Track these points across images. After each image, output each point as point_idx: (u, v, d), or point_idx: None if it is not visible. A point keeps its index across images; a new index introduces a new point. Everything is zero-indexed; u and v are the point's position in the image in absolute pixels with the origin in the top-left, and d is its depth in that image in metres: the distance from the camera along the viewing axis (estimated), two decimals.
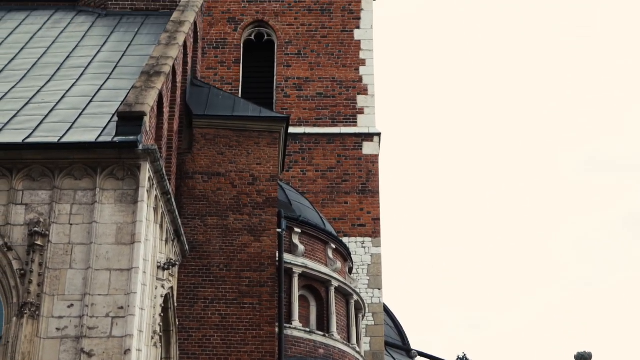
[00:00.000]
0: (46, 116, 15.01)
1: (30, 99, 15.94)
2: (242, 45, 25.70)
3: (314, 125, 24.70)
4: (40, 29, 20.37)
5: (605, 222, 66.79)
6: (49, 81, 16.92)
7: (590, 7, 72.24)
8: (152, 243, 14.38)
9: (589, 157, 68.27)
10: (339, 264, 20.79)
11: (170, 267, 15.49)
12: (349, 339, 20.67)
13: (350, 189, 24.10)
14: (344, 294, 20.91)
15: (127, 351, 12.90)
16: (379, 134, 24.62)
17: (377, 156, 24.43)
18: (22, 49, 18.95)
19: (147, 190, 13.99)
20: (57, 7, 21.95)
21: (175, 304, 17.20)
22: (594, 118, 69.05)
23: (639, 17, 69.95)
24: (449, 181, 68.22)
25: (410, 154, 66.00)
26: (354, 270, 22.92)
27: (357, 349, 20.98)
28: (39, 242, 13.34)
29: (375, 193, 24.10)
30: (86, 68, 17.58)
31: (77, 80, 16.90)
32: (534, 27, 71.88)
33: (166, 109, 17.23)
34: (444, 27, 71.62)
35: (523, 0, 71.69)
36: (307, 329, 19.68)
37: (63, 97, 15.96)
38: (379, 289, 23.34)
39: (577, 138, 68.86)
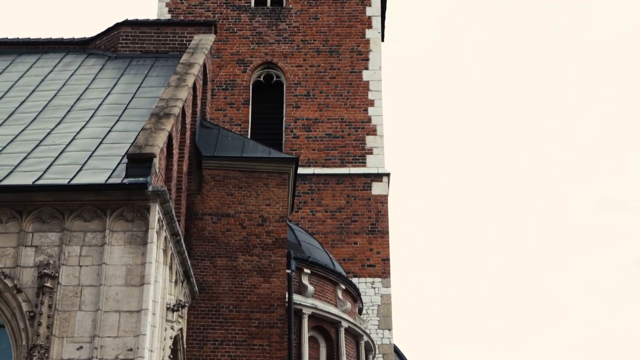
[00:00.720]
0: (56, 158, 15.07)
1: (41, 141, 16.01)
2: (251, 86, 25.82)
3: (323, 166, 24.74)
4: (51, 71, 20.52)
5: (615, 262, 66.52)
6: (59, 123, 17.00)
7: (606, 47, 72.44)
8: (161, 284, 14.35)
9: (599, 198, 68.19)
10: (348, 305, 20.70)
11: (180, 308, 15.44)
12: None
13: (360, 229, 24.07)
14: (354, 335, 20.80)
15: None
16: (388, 174, 24.63)
17: (386, 196, 24.42)
18: (32, 91, 19.08)
19: (157, 232, 13.99)
20: (68, 50, 22.14)
21: (185, 346, 17.13)
22: (604, 159, 69.05)
23: None
24: (458, 222, 68.09)
25: (419, 194, 65.96)
26: (364, 311, 22.82)
27: None
28: (48, 284, 13.32)
29: (384, 233, 24.06)
30: (96, 110, 17.67)
31: (87, 122, 16.98)
32: (543, 69, 72.07)
33: (176, 151, 17.28)
34: (451, 67, 71.88)
35: (532, 40, 72.01)
36: None
37: (73, 139, 16.03)
38: (389, 330, 23.23)
39: (587, 179, 68.82)
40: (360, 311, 21.99)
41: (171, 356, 15.07)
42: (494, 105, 71.85)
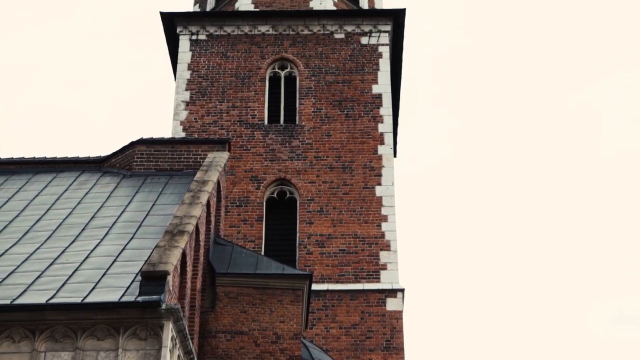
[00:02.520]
0: (70, 276, 15.07)
1: (55, 259, 16.04)
2: (264, 203, 25.93)
3: (337, 282, 24.62)
4: (66, 190, 20.70)
5: None
6: (73, 241, 17.06)
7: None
8: None
9: (617, 312, 67.51)
10: None
11: None
12: None
13: (375, 346, 23.79)
14: None
15: None
16: (402, 290, 24.48)
17: (401, 312, 24.22)
18: (47, 210, 19.21)
19: (170, 350, 13.86)
20: (83, 168, 22.38)
21: None
22: (622, 273, 68.57)
23: None
24: (475, 338, 67.29)
25: (435, 309, 65.37)
26: None
27: None
28: None
29: (400, 350, 23.76)
30: (110, 228, 17.74)
31: (102, 240, 17.04)
32: (558, 182, 72.35)
33: (189, 268, 17.26)
34: (464, 182, 72.22)
35: (542, 152, 72.46)
36: None
37: (87, 257, 16.06)
38: None
39: (605, 292, 68.27)
40: None
41: None
42: (509, 219, 71.89)
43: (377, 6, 31.24)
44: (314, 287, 22.79)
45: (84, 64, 75.19)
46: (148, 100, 72.33)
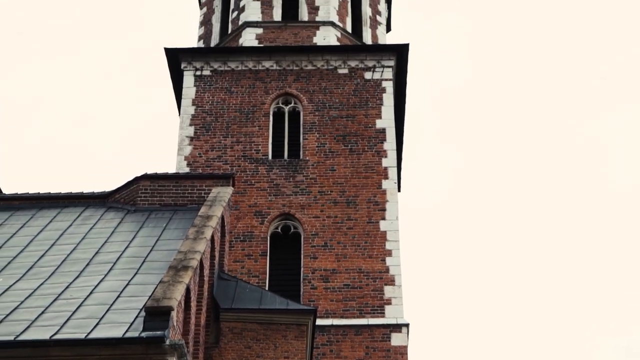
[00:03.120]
0: (74, 312, 15.03)
1: (59, 295, 16.01)
2: (268, 238, 25.91)
3: (342, 317, 24.54)
4: (70, 225, 20.71)
5: None
6: (77, 277, 17.04)
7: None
8: None
9: (625, 349, 67.15)
10: None
11: None
12: None
13: None
14: None
15: None
16: (407, 325, 24.39)
17: (405, 347, 24.13)
18: (52, 245, 19.21)
19: None
20: (88, 203, 22.40)
21: None
22: (631, 310, 68.26)
23: None
24: None
25: (440, 344, 65.04)
26: None
27: None
28: None
29: None
30: (114, 263, 17.73)
31: (106, 275, 17.03)
32: (562, 221, 72.24)
33: (193, 303, 17.22)
34: (469, 217, 72.15)
35: (548, 195, 72.44)
36: None
37: (91, 292, 16.03)
38: None
39: (614, 329, 67.92)
40: None
41: None
42: (515, 254, 71.71)
43: (381, 41, 31.40)
44: (319, 322, 22.71)
45: (88, 99, 75.54)
46: (152, 135, 72.59)
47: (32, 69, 76.17)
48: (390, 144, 27.26)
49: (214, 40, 31.04)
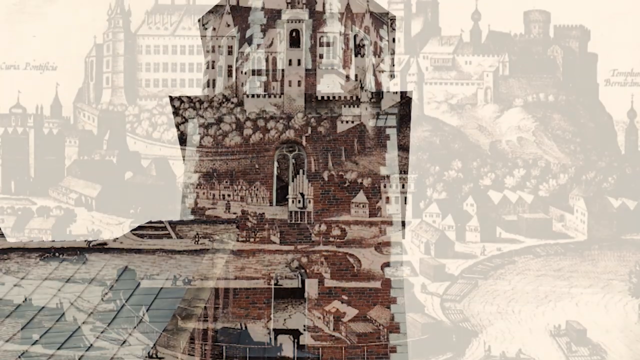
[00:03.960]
0: None
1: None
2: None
3: None
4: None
5: None
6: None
7: None
8: None
9: None
10: None
11: None
12: None
13: None
14: None
15: None
16: None
17: None
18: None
19: None
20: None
21: None
22: None
23: None
24: None
25: None
26: None
27: None
28: None
29: None
30: (118, 312, 17.52)
31: (109, 324, 16.81)
32: None
33: (197, 352, 17.05)
34: None
35: None
36: None
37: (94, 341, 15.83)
38: None
39: None
40: None
41: None
42: None
43: (384, 87, 31.34)
44: None
45: None
46: None
47: None
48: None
49: (218, 88, 30.98)
